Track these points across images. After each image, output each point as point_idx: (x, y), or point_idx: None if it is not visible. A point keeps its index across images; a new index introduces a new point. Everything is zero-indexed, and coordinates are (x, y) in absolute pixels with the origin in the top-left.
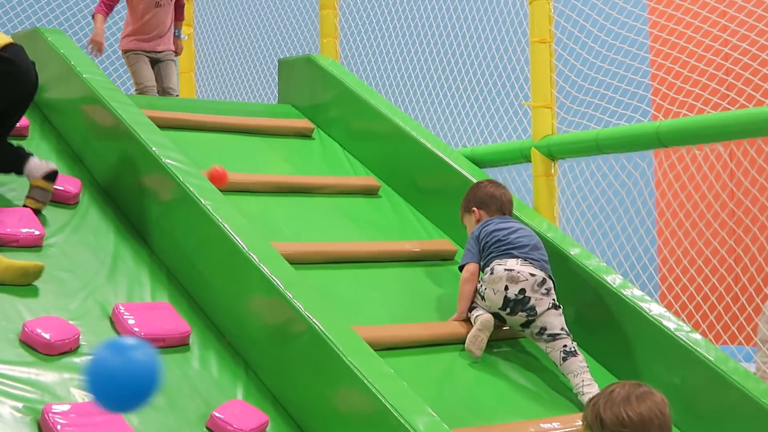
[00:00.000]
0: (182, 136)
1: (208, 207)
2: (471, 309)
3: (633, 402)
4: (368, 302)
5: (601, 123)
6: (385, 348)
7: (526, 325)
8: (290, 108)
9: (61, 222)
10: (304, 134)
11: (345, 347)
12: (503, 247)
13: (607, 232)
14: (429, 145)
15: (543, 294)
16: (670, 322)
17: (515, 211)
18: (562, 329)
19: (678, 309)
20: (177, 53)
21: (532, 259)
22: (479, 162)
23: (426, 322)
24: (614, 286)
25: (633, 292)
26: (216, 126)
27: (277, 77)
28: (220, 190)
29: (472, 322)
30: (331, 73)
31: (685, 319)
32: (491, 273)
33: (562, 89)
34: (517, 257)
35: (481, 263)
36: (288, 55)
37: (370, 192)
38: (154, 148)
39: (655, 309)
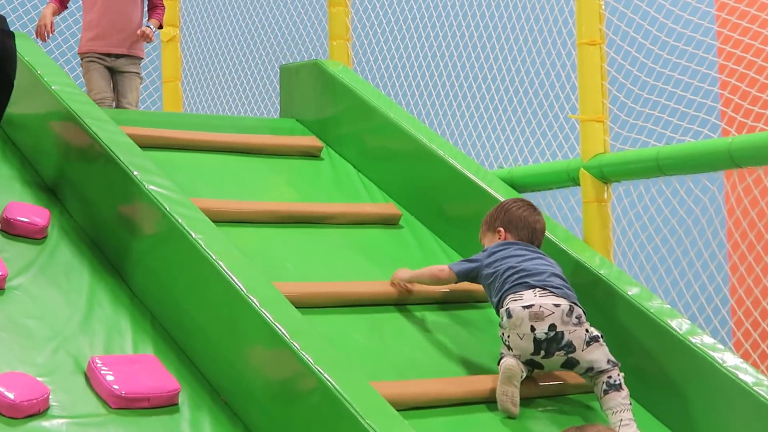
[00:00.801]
0: (168, 158)
1: (200, 241)
2: (499, 362)
3: None
4: (389, 353)
5: (662, 139)
6: (410, 407)
7: (568, 365)
8: (294, 123)
9: (27, 260)
10: (311, 154)
11: (362, 407)
12: (515, 276)
13: (671, 269)
14: (458, 166)
15: (575, 324)
16: (747, 375)
17: (560, 243)
18: (608, 362)
19: (757, 360)
20: (145, 39)
21: (552, 287)
22: (518, 186)
23: (458, 377)
24: (680, 331)
25: (702, 340)
26: (207, 145)
27: (278, 87)
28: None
29: (500, 368)
30: (342, 81)
31: (765, 371)
32: (509, 316)
33: (615, 99)
34: (534, 287)
35: (494, 300)
36: (291, 61)
37: (389, 221)
38: (135, 173)
39: (729, 360)
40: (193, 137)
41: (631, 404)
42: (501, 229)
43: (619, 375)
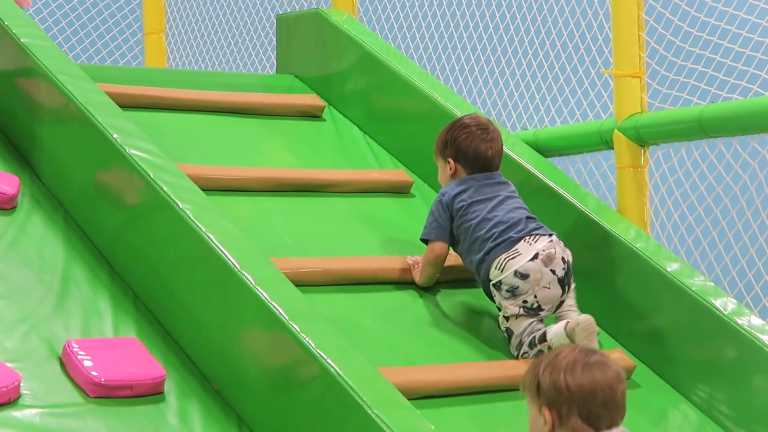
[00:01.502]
0: (151, 119)
1: (188, 212)
2: (538, 340)
3: (578, 370)
4: (400, 337)
5: (706, 97)
6: (422, 396)
7: None
8: (293, 80)
9: None
10: (312, 114)
11: (370, 396)
12: (494, 232)
13: (716, 242)
14: None
15: (565, 247)
16: None
17: (592, 213)
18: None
19: None
20: None
21: (536, 231)
22: (544, 149)
23: (474, 362)
24: (725, 312)
25: (750, 321)
26: (195, 104)
27: (274, 39)
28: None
29: (548, 338)
30: (347, 32)
31: None
32: (524, 277)
33: (654, 52)
34: (520, 239)
35: (473, 259)
36: (289, 10)
37: (399, 190)
38: (114, 135)
39: None
40: (179, 96)
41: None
42: (450, 159)
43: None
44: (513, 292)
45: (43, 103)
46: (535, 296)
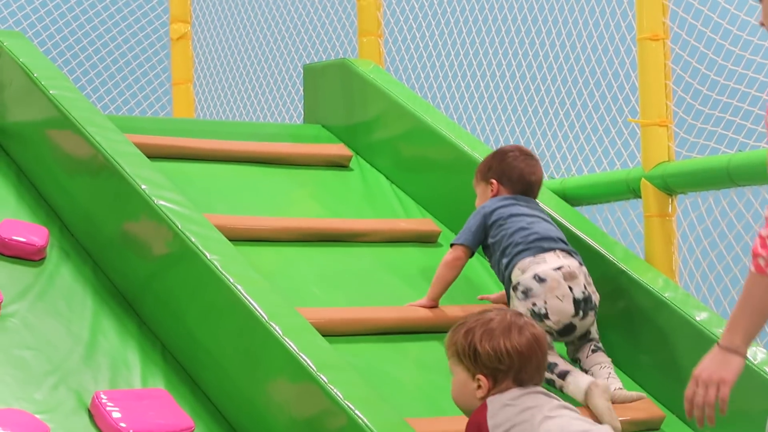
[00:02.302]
0: (179, 169)
1: (215, 263)
2: (561, 374)
3: (514, 335)
4: (428, 387)
5: (734, 146)
6: None
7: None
8: (320, 129)
9: (23, 284)
10: (339, 164)
11: None
12: (531, 237)
13: None
14: None
15: (592, 285)
16: None
17: (619, 262)
18: (596, 330)
19: None
20: None
21: (570, 252)
22: (571, 198)
23: None
24: (755, 362)
25: None
26: (222, 155)
27: (301, 89)
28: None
29: (582, 396)
30: (374, 82)
31: None
32: (540, 281)
33: (681, 101)
34: (552, 249)
35: (503, 261)
36: (315, 60)
37: (427, 239)
38: (143, 186)
39: None
40: (206, 146)
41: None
42: (494, 180)
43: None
44: (527, 294)
45: (72, 154)
46: (545, 302)
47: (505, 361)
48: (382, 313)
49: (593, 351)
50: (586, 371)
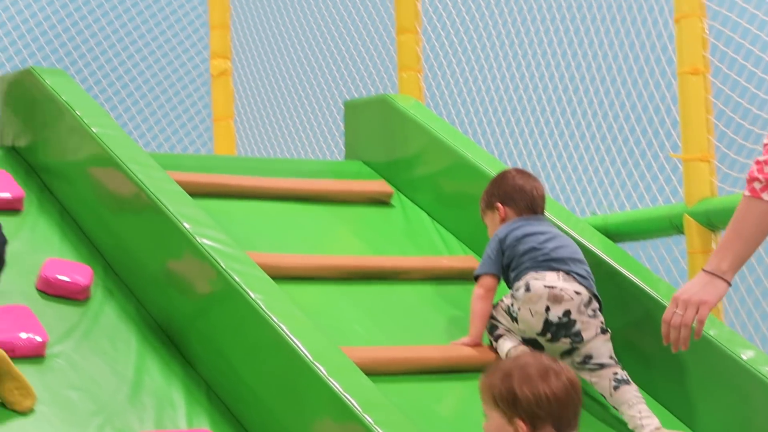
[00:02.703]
0: (221, 207)
1: (259, 302)
2: (496, 336)
3: (552, 379)
4: (473, 427)
5: None
6: None
7: (568, 353)
8: (360, 166)
9: (68, 324)
10: (380, 200)
11: None
12: (540, 258)
13: None
14: (547, 214)
15: (590, 316)
16: None
17: (663, 299)
18: (610, 357)
19: None
20: None
21: (576, 274)
22: (614, 235)
23: None
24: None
25: None
26: (264, 192)
27: (342, 125)
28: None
29: (503, 355)
30: (414, 118)
31: None
32: (527, 290)
33: (723, 135)
34: (558, 270)
35: (511, 275)
36: (356, 96)
37: (469, 276)
38: (185, 225)
39: None
40: (248, 183)
41: (644, 399)
42: (498, 204)
43: (623, 371)
44: (514, 294)
45: (115, 192)
46: (519, 309)
47: (544, 406)
48: (427, 352)
49: (615, 388)
50: (616, 409)
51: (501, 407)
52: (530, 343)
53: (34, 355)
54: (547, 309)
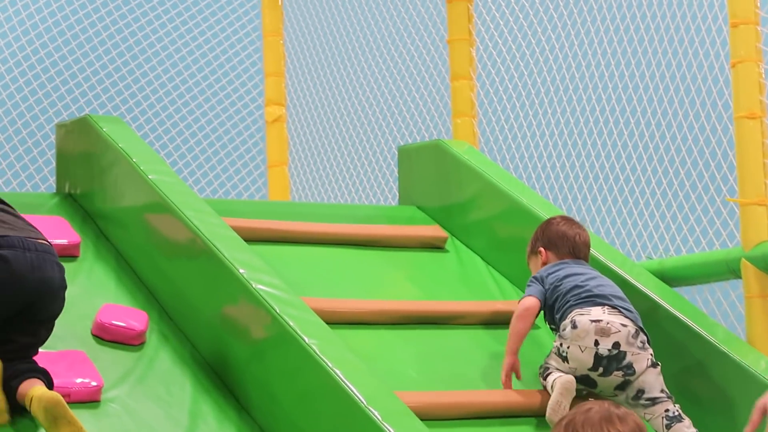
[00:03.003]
0: (276, 252)
1: (314, 347)
2: (545, 374)
3: (616, 422)
4: None
5: None
6: None
7: (622, 387)
8: (414, 211)
9: (124, 369)
10: (435, 245)
11: None
12: (583, 294)
13: None
14: (601, 258)
15: (639, 348)
16: None
17: (720, 344)
18: (662, 391)
19: None
20: None
21: (621, 308)
22: (670, 279)
23: None
24: None
25: None
26: (318, 237)
27: (396, 171)
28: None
29: (549, 389)
30: (469, 163)
31: None
32: (573, 327)
33: None
34: (603, 305)
35: (556, 317)
36: (410, 141)
37: None
38: (241, 270)
39: None
40: (302, 229)
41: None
42: (541, 249)
43: (676, 406)
44: (561, 333)
45: (171, 237)
46: (569, 347)
47: None
48: (481, 397)
49: (668, 426)
50: None
51: None
52: (582, 380)
53: (90, 400)
54: (596, 343)
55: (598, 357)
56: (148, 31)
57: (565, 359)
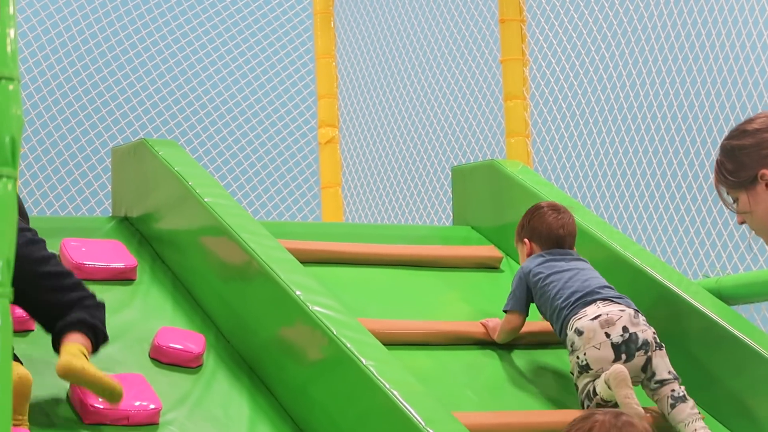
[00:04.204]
0: (331, 274)
1: (371, 368)
2: (587, 391)
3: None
4: None
5: None
6: None
7: (645, 368)
8: (469, 231)
9: (182, 392)
10: (490, 265)
11: None
12: (573, 299)
13: None
14: (658, 277)
15: (645, 325)
16: None
17: None
18: (669, 372)
19: None
20: None
21: (612, 298)
22: (728, 297)
23: None
24: None
25: None
26: (373, 258)
27: (450, 191)
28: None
29: (597, 391)
30: (522, 182)
31: None
32: (579, 333)
33: None
34: (594, 302)
35: (555, 328)
36: (463, 161)
37: None
38: (297, 292)
39: None
40: (356, 250)
41: (702, 415)
42: (526, 239)
43: (681, 387)
44: (572, 347)
45: (227, 260)
46: (585, 353)
47: None
48: (538, 417)
49: (672, 406)
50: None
51: None
52: None
53: (148, 422)
54: (607, 335)
55: (615, 346)
56: (201, 54)
57: (587, 368)
